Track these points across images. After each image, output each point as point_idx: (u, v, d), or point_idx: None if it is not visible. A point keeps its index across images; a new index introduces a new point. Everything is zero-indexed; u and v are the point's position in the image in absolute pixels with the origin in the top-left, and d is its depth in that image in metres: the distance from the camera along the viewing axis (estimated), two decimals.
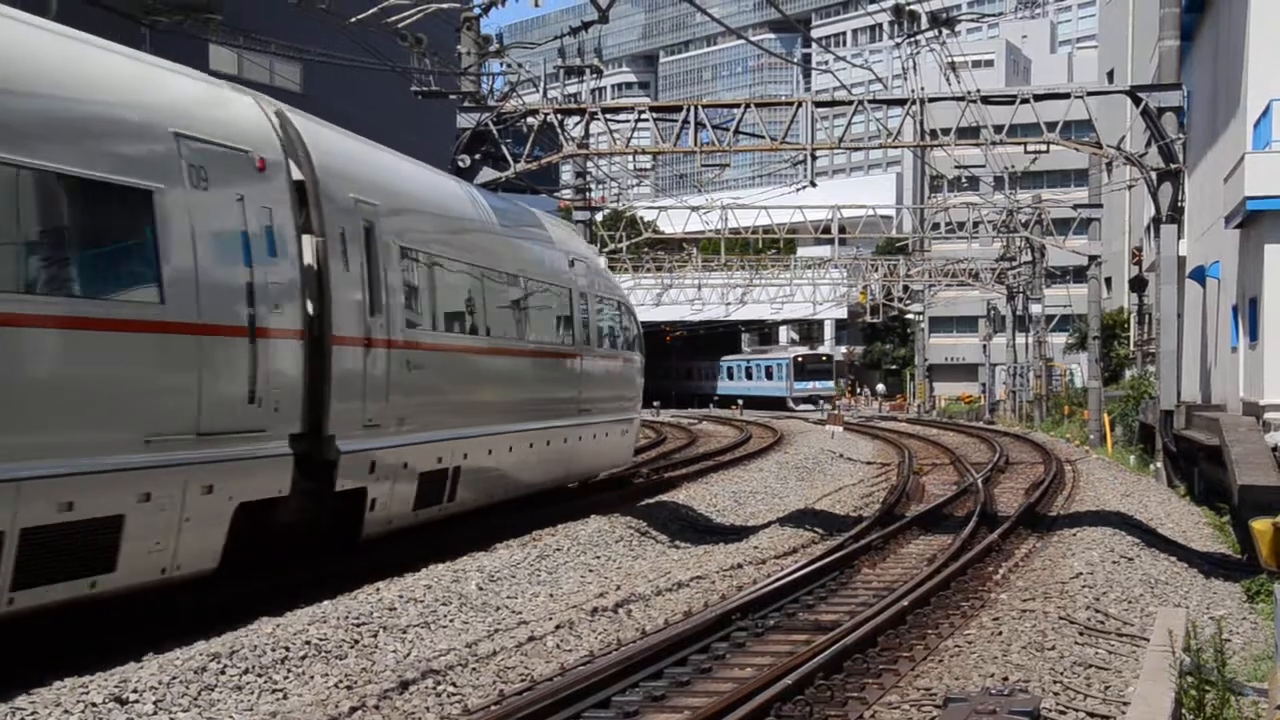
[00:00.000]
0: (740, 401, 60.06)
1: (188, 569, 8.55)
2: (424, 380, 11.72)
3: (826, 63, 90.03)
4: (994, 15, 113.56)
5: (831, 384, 64.89)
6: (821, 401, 61.12)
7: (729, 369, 70.75)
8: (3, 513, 6.90)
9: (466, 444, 12.57)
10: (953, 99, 17.80)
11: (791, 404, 62.08)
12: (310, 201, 10.10)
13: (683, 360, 71.41)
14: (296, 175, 9.99)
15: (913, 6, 23.20)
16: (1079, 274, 42.99)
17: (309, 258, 9.99)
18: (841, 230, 42.55)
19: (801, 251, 66.30)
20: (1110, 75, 54.11)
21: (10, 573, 6.96)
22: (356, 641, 8.60)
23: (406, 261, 11.56)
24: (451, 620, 9.58)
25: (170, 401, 8.30)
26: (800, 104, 18.29)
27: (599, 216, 39.70)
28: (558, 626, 9.40)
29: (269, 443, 9.33)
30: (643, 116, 17.98)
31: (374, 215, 10.96)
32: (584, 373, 16.75)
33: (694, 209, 43.07)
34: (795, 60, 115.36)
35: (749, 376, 68.16)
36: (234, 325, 8.93)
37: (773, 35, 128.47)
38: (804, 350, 68.30)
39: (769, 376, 66.17)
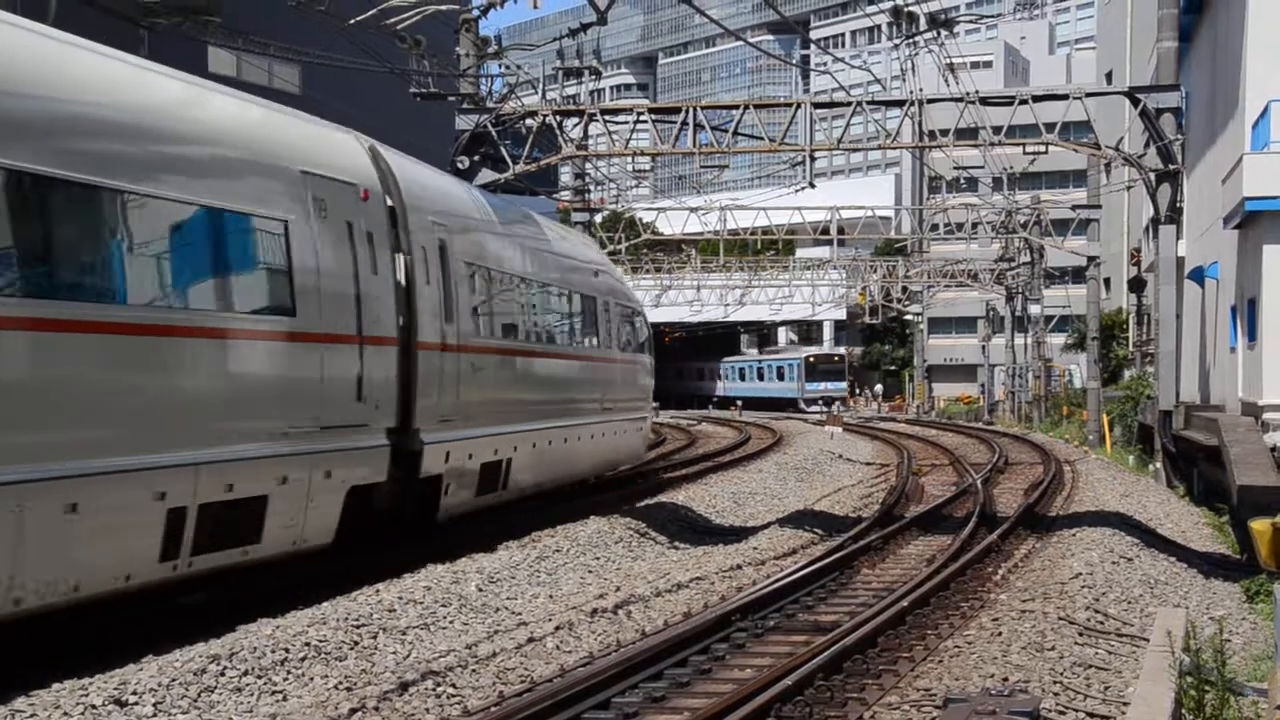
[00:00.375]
0: (739, 403, 59.97)
1: (312, 542, 10.09)
2: (484, 381, 13.26)
3: (825, 64, 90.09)
4: (992, 16, 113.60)
5: (844, 384, 63.80)
6: (836, 403, 60.08)
7: (741, 370, 69.59)
8: (186, 491, 8.45)
9: (516, 438, 14.15)
10: (951, 100, 17.81)
11: (803, 405, 60.75)
12: (400, 225, 11.67)
13: (682, 361, 71.14)
14: (388, 202, 11.56)
15: (911, 8, 23.21)
16: (1078, 275, 43.02)
17: (400, 274, 11.53)
18: (840, 231, 42.61)
19: (800, 253, 66.34)
20: (1109, 76, 54.14)
21: (191, 540, 8.53)
22: (356, 643, 8.60)
23: (470, 275, 13.07)
24: (451, 622, 9.58)
25: (301, 399, 9.87)
26: (799, 105, 18.30)
27: (598, 218, 39.71)
28: (557, 628, 9.40)
29: (371, 435, 10.87)
30: (641, 118, 17.99)
31: (446, 235, 12.53)
32: (608, 374, 18.34)
33: (693, 210, 43.11)
34: (794, 61, 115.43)
35: (760, 378, 67.11)
36: (347, 334, 10.49)
37: (771, 37, 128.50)
38: (815, 350, 67.13)
39: (780, 377, 65.10)
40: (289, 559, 9.88)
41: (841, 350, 67.70)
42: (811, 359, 63.86)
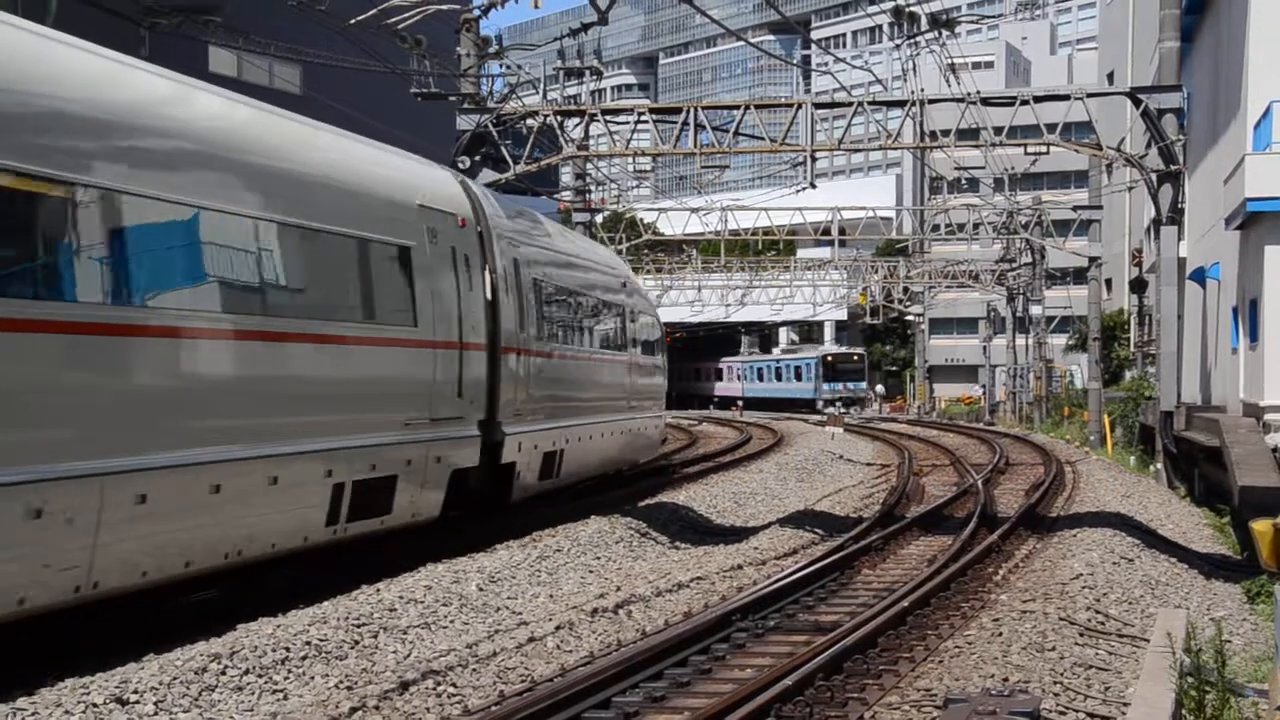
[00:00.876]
0: (740, 403, 59.80)
1: (424, 516, 12.06)
2: (545, 381, 15.13)
3: (826, 64, 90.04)
4: (994, 17, 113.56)
5: (864, 384, 60.27)
6: (855, 405, 57.90)
7: (759, 369, 66.85)
8: (344, 469, 10.47)
9: (567, 431, 16.09)
10: (952, 100, 17.81)
11: (820, 406, 57.15)
12: (486, 247, 13.61)
13: (682, 361, 70.82)
14: (478, 228, 13.52)
15: (912, 8, 23.20)
16: (1079, 275, 42.99)
17: (487, 289, 13.47)
18: (841, 232, 42.55)
19: (801, 253, 66.26)
20: (1110, 77, 54.12)
21: (346, 510, 10.50)
22: (357, 642, 8.60)
23: (534, 288, 15.00)
24: (452, 621, 9.59)
25: (419, 396, 11.85)
26: (800, 105, 18.29)
27: (599, 218, 39.70)
28: (558, 627, 9.40)
29: (467, 427, 12.87)
30: (642, 118, 18.00)
31: (517, 254, 14.52)
32: (635, 376, 20.37)
33: (694, 210, 43.09)
34: (795, 62, 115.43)
35: (779, 377, 64.27)
36: (451, 341, 12.46)
37: (772, 37, 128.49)
38: (834, 349, 63.77)
39: (798, 377, 62.05)
40: (407, 529, 11.83)
41: (860, 350, 63.84)
42: (829, 358, 60.54)
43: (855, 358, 61.17)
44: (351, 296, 10.96)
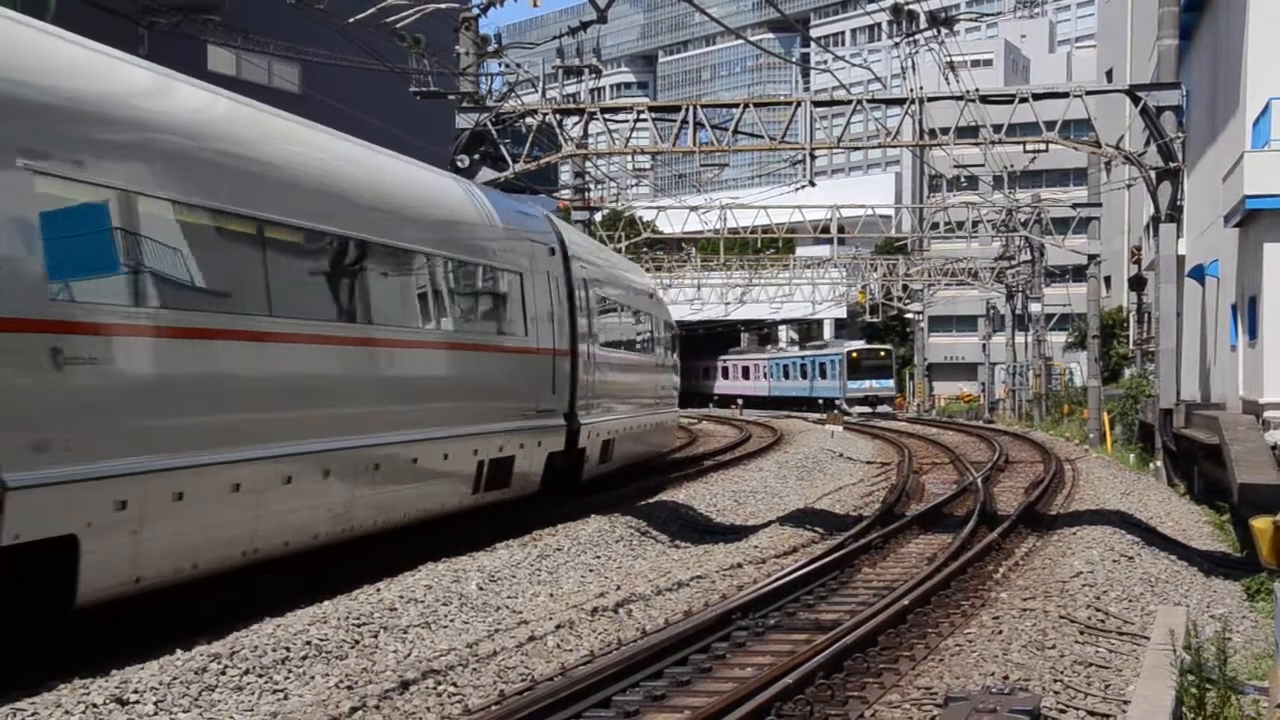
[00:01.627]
0: (740, 401, 59.61)
1: (530, 489, 14.89)
2: (603, 380, 17.85)
3: (825, 62, 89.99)
4: (993, 15, 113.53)
5: (891, 382, 56.34)
6: (882, 405, 53.86)
7: (784, 366, 63.04)
8: (484, 450, 13.36)
9: (616, 423, 18.72)
10: (951, 98, 17.80)
11: (845, 406, 53.70)
12: (567, 269, 16.52)
13: (681, 360, 70.12)
14: (562, 255, 16.45)
15: (911, 6, 23.19)
16: (1078, 273, 43.01)
17: (568, 304, 16.46)
18: (840, 230, 42.53)
19: (800, 251, 66.22)
20: (1109, 74, 54.11)
21: (485, 482, 13.40)
22: (357, 642, 8.60)
23: (596, 301, 17.87)
24: (452, 620, 9.58)
25: (529, 392, 14.81)
26: (799, 104, 18.28)
27: (598, 217, 39.68)
28: (558, 626, 9.40)
29: (558, 418, 15.79)
30: (641, 116, 17.98)
31: (585, 274, 17.45)
32: (659, 375, 23.36)
33: (693, 209, 43.06)
34: (794, 60, 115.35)
35: (804, 374, 60.17)
36: (548, 348, 15.42)
37: (771, 35, 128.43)
38: (859, 344, 59.21)
39: (823, 375, 57.98)
40: (519, 499, 14.72)
41: (888, 345, 59.31)
42: (855, 354, 56.33)
43: (882, 353, 56.99)
44: (490, 314, 14.30)
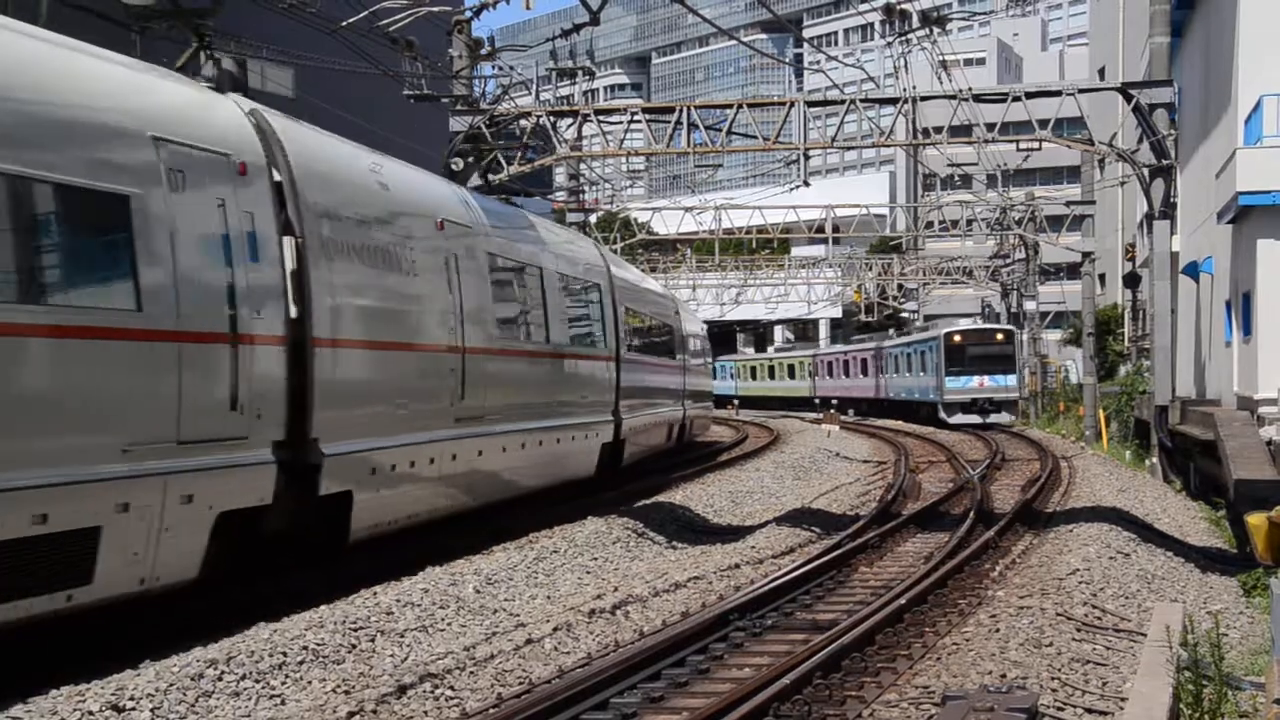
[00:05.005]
0: (735, 402, 59.49)
1: (584, 474, 17.61)
2: (633, 380, 20.40)
3: (818, 62, 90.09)
4: (985, 13, 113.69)
5: (1012, 379, 39.09)
6: (1000, 412, 38.51)
7: (844, 362, 50.85)
8: (604, 434, 17.79)
9: (644, 418, 21.58)
10: (945, 97, 17.82)
11: (944, 414, 38.70)
12: (613, 285, 19.82)
13: None
14: (610, 274, 19.93)
15: (903, 6, 23.21)
16: (1073, 271, 43.01)
17: (614, 317, 19.66)
18: (835, 229, 42.55)
19: (795, 251, 66.30)
20: (1101, 72, 54.20)
21: (604, 458, 17.69)
22: (354, 646, 8.58)
23: (629, 314, 20.70)
24: (449, 624, 9.57)
25: (599, 392, 18.08)
26: (792, 104, 18.29)
27: (593, 218, 39.68)
28: (555, 629, 9.38)
29: (608, 414, 18.57)
30: (635, 118, 17.99)
31: (620, 288, 20.22)
32: (685, 377, 26.73)
33: (687, 210, 43.09)
34: (787, 60, 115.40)
35: (901, 367, 44.32)
36: (608, 355, 18.74)
37: (764, 35, 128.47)
38: (965, 324, 43.04)
39: (914, 368, 42.48)
40: (584, 479, 17.73)
41: (1008, 326, 42.56)
42: (957, 337, 39.48)
43: (999, 336, 39.96)
44: (583, 328, 17.43)
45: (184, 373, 8.42)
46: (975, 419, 38.00)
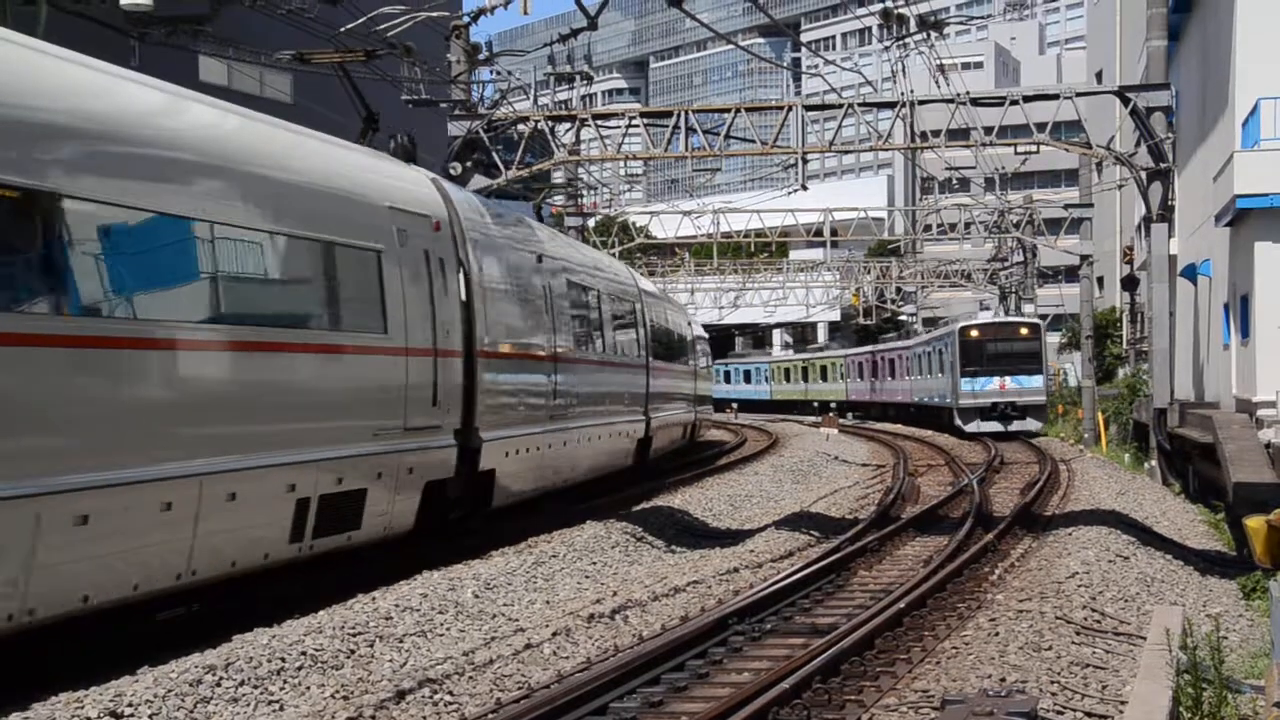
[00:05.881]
0: (735, 404, 59.48)
1: (629, 461, 20.60)
2: (658, 385, 22.89)
3: (816, 66, 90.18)
4: (982, 17, 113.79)
5: (1038, 380, 34.40)
6: (1025, 418, 33.79)
7: (873, 362, 46.11)
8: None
9: (666, 416, 24.01)
10: (942, 101, 17.83)
11: (960, 421, 34.26)
12: (645, 305, 22.78)
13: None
14: (641, 296, 23.31)
15: (901, 10, 23.24)
16: (1071, 274, 43.07)
17: (645, 331, 22.51)
18: (833, 233, 42.57)
19: (794, 254, 66.34)
20: (1099, 76, 54.26)
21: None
22: (353, 651, 8.57)
23: (652, 326, 23.32)
24: (448, 629, 9.56)
25: (631, 396, 20.47)
26: (790, 108, 18.31)
27: (591, 222, 39.71)
28: (554, 634, 9.38)
29: (643, 413, 21.22)
30: (633, 122, 17.99)
31: (651, 307, 23.28)
32: (695, 382, 29.18)
33: (686, 213, 43.11)
34: (785, 65, 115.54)
35: (916, 369, 40.51)
36: (642, 363, 21.62)
37: (762, 40, 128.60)
38: (985, 317, 37.58)
39: (930, 368, 38.45)
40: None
41: (1033, 319, 37.57)
42: (974, 332, 34.73)
43: (1024, 330, 35.07)
44: (626, 339, 20.42)
45: (409, 378, 11.42)
46: (995, 426, 33.30)
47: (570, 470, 16.58)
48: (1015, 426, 33.62)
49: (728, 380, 65.13)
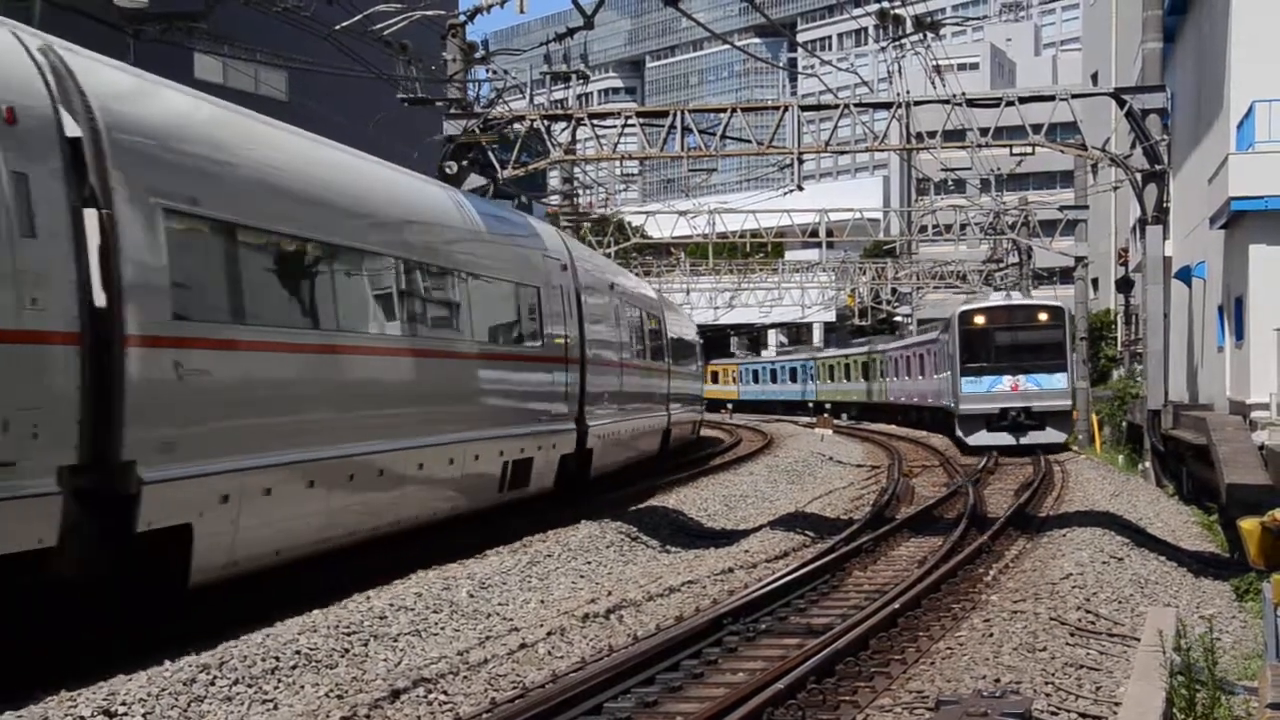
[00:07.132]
0: (730, 406, 59.48)
1: (655, 450, 23.84)
2: (678, 387, 26.55)
3: (812, 67, 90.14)
4: (978, 18, 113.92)
5: (1061, 379, 27.62)
6: (1045, 428, 27.19)
7: (907, 359, 38.18)
8: (649, 422, 23.48)
9: (679, 415, 26.68)
10: (938, 102, 17.85)
11: (960, 431, 28.29)
12: (665, 322, 25.89)
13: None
14: (662, 315, 26.11)
15: (897, 11, 23.26)
16: (1066, 275, 43.11)
17: (667, 338, 25.84)
18: (829, 233, 42.63)
19: (789, 255, 66.40)
20: (1094, 78, 54.29)
21: (665, 443, 25.66)
22: (347, 650, 8.56)
23: (673, 337, 26.45)
24: (442, 628, 9.55)
25: (659, 396, 24.01)
26: (786, 108, 18.32)
27: (587, 222, 39.71)
28: (549, 633, 9.37)
29: (664, 409, 24.23)
30: (629, 121, 17.99)
31: (669, 320, 26.78)
32: (697, 383, 32.21)
33: (681, 213, 43.15)
34: (781, 65, 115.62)
35: (921, 370, 35.29)
36: (664, 368, 24.92)
37: (758, 40, 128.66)
38: (996, 299, 30.13)
39: (934, 368, 33.16)
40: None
41: (1054, 302, 30.72)
42: (978, 317, 28.48)
43: (1044, 316, 28.42)
44: (653, 345, 23.09)
45: (554, 379, 15.75)
46: (1005, 439, 26.69)
47: (628, 452, 20.54)
48: (1031, 439, 26.69)
49: (755, 380, 61.10)
